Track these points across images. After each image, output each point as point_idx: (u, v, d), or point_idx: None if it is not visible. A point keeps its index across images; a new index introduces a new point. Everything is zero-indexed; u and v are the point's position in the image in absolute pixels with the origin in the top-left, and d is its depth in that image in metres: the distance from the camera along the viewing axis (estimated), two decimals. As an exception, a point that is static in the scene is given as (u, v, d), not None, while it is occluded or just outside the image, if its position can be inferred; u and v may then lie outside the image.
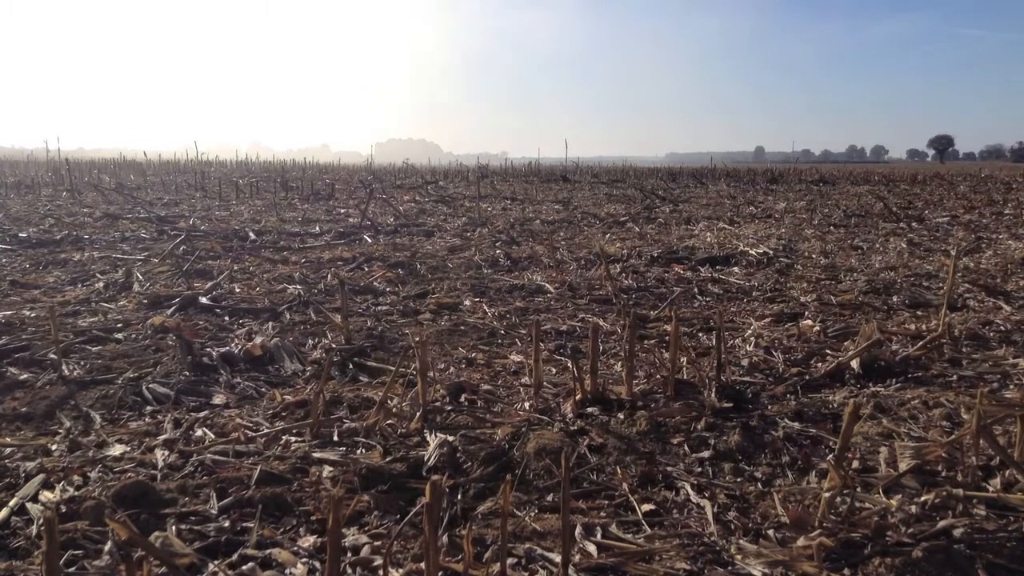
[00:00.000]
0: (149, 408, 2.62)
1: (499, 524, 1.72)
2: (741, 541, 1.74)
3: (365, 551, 1.70)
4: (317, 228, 7.99)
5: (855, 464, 2.16)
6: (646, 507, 1.92)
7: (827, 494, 1.80)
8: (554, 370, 3.13)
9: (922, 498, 1.89)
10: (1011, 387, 2.85)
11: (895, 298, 4.58)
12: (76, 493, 1.93)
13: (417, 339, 2.60)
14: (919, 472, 2.05)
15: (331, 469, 2.11)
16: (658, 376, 2.92)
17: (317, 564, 1.64)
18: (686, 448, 2.29)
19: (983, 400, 2.02)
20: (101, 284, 4.73)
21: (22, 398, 2.66)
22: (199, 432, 2.38)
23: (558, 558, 1.62)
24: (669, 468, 2.14)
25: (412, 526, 1.80)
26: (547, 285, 4.95)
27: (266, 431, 2.37)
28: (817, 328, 3.73)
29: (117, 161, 27.34)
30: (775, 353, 3.30)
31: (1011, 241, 7.27)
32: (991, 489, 1.95)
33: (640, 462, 2.17)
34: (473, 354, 3.38)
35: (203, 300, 4.20)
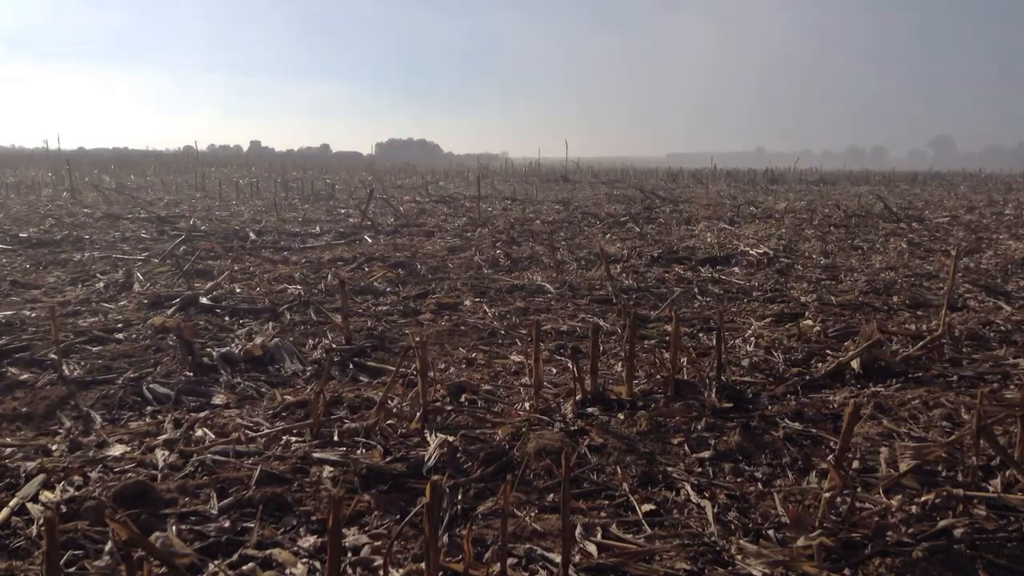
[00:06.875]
0: (149, 408, 2.62)
1: (499, 524, 1.72)
2: (741, 541, 1.74)
3: (365, 551, 1.70)
4: (317, 228, 7.99)
5: (855, 464, 2.16)
6: (646, 507, 1.92)
7: (827, 494, 1.80)
8: (554, 370, 3.13)
9: (922, 498, 1.89)
10: (1011, 387, 2.86)
11: (895, 298, 4.58)
12: (76, 493, 1.93)
13: (417, 339, 2.60)
14: (919, 472, 2.05)
15: (331, 469, 2.11)
16: (658, 376, 2.92)
17: (317, 564, 1.64)
18: (686, 448, 2.29)
19: (983, 400, 2.02)
20: (101, 284, 4.73)
21: (22, 398, 2.66)
22: (199, 432, 2.38)
23: (558, 558, 1.62)
24: (669, 468, 2.14)
25: (412, 526, 1.80)
26: (547, 285, 4.95)
27: (266, 431, 2.37)
28: (817, 328, 3.73)
29: (117, 161, 27.34)
30: (775, 353, 3.30)
31: (1011, 241, 7.28)
32: (991, 489, 1.95)
33: (640, 462, 2.17)
34: (473, 354, 3.38)
35: (203, 300, 4.20)
